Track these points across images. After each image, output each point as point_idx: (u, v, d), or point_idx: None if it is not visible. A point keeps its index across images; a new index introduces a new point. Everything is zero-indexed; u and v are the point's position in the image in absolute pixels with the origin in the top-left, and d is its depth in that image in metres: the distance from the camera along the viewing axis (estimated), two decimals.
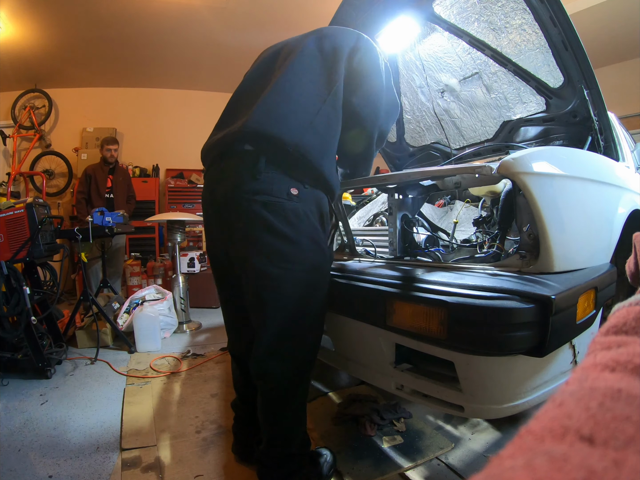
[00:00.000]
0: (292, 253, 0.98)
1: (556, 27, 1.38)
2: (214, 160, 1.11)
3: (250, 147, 1.00)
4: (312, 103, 1.03)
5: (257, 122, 1.00)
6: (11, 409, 1.70)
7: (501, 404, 0.89)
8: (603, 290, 0.99)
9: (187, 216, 3.19)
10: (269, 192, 0.97)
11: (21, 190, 4.74)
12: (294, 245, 0.98)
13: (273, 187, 0.97)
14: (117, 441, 1.44)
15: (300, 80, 1.05)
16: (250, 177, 0.98)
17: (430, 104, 2.12)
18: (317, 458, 1.20)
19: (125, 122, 5.11)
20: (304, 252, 1.00)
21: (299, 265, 1.00)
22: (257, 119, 1.00)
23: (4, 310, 1.88)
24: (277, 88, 1.04)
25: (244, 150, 1.01)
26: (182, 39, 4.02)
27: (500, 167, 0.92)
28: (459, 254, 1.28)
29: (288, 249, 0.98)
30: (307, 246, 1.00)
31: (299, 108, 1.02)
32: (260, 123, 0.99)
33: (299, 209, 0.99)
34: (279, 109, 1.01)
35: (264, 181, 0.97)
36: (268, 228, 0.97)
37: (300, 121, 1.00)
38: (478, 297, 0.81)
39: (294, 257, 0.99)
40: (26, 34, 3.73)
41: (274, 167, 0.99)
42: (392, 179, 1.17)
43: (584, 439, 0.16)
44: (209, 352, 2.42)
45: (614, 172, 1.33)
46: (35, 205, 2.11)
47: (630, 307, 0.26)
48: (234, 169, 1.03)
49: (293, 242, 0.98)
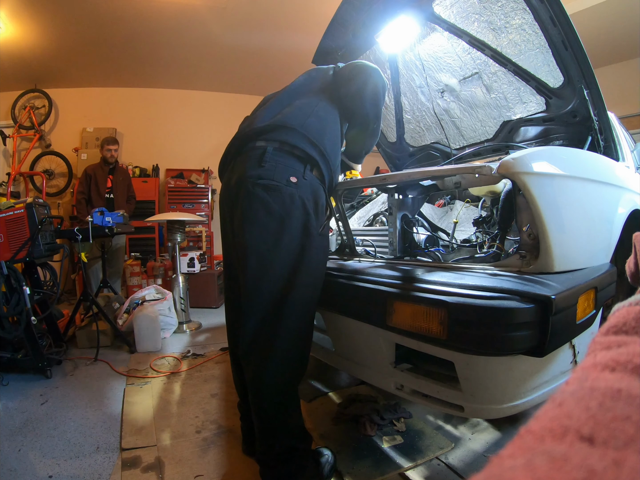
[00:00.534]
0: (282, 233, 1.05)
1: (556, 27, 1.38)
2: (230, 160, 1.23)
3: (261, 143, 1.13)
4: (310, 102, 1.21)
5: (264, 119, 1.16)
6: (11, 409, 1.70)
7: (501, 404, 0.89)
8: (603, 290, 0.99)
9: (187, 216, 3.19)
10: (271, 177, 1.07)
11: (21, 190, 4.74)
12: (284, 225, 1.06)
13: (275, 173, 1.08)
14: (117, 441, 1.44)
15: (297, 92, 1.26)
16: (257, 165, 1.10)
17: (430, 104, 2.12)
18: (317, 458, 1.20)
19: (125, 122, 5.11)
20: (292, 234, 1.06)
21: (286, 245, 1.06)
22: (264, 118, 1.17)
23: (4, 310, 1.88)
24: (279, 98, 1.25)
25: (255, 146, 1.14)
26: (182, 39, 4.02)
27: (500, 167, 0.92)
28: (459, 254, 1.28)
29: (279, 228, 1.06)
30: (297, 229, 1.07)
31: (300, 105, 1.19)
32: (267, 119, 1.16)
33: (295, 194, 1.07)
34: (282, 109, 1.19)
35: (268, 168, 1.08)
36: (265, 207, 1.06)
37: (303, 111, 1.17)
38: (478, 297, 0.81)
39: (283, 236, 1.05)
40: (26, 34, 3.73)
41: (279, 154, 1.10)
42: (392, 179, 1.17)
43: (584, 439, 0.16)
44: (209, 352, 2.42)
45: (614, 172, 1.33)
46: (35, 205, 2.11)
47: (630, 307, 0.26)
48: (245, 162, 1.14)
49: (284, 222, 1.06)
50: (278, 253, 1.05)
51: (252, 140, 1.16)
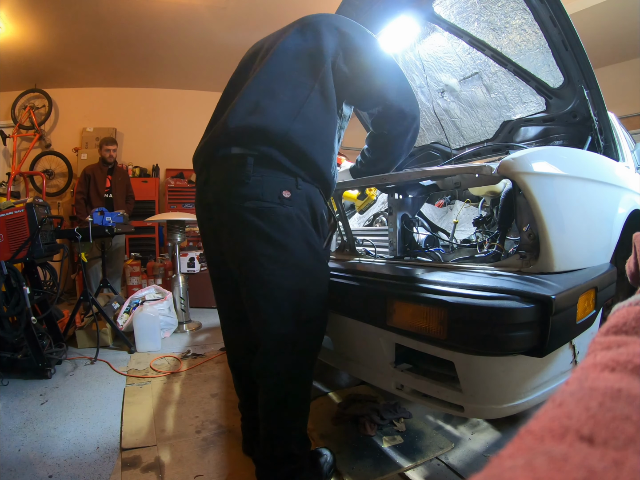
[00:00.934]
0: (285, 259, 0.96)
1: (556, 27, 1.38)
2: (202, 167, 1.08)
3: (237, 150, 0.96)
4: (298, 92, 0.97)
5: (239, 117, 0.95)
6: (11, 409, 1.70)
7: (501, 404, 0.89)
8: (603, 290, 0.99)
9: (187, 216, 3.19)
10: (259, 196, 0.93)
11: (21, 190, 4.74)
12: (286, 251, 0.96)
13: (263, 191, 0.93)
14: (117, 441, 1.44)
15: (282, 71, 0.99)
16: (239, 183, 0.94)
17: (430, 104, 2.12)
18: (317, 458, 1.20)
19: (125, 122, 5.11)
20: (297, 257, 0.98)
21: (292, 270, 0.98)
22: (238, 115, 0.95)
23: (4, 310, 1.88)
24: (258, 82, 0.99)
25: (231, 154, 0.97)
26: (182, 39, 4.03)
27: (500, 167, 0.92)
28: (459, 254, 1.28)
29: (281, 255, 0.96)
30: (301, 251, 0.98)
31: (284, 99, 0.96)
32: (241, 118, 0.94)
33: (292, 213, 0.95)
34: (261, 103, 0.95)
35: (253, 185, 0.93)
36: (259, 235, 0.94)
37: (286, 111, 0.94)
38: (478, 297, 0.80)
39: (287, 262, 0.97)
40: (26, 34, 3.73)
41: (263, 167, 0.94)
42: (392, 179, 1.16)
43: (584, 439, 0.16)
44: (209, 352, 2.42)
45: (614, 172, 1.33)
46: (35, 205, 2.11)
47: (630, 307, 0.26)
48: (221, 174, 1.00)
49: (285, 248, 0.95)
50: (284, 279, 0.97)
51: (225, 146, 0.97)
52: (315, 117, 0.98)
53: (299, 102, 0.96)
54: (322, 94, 0.99)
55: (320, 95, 0.99)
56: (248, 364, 1.12)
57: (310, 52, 1.02)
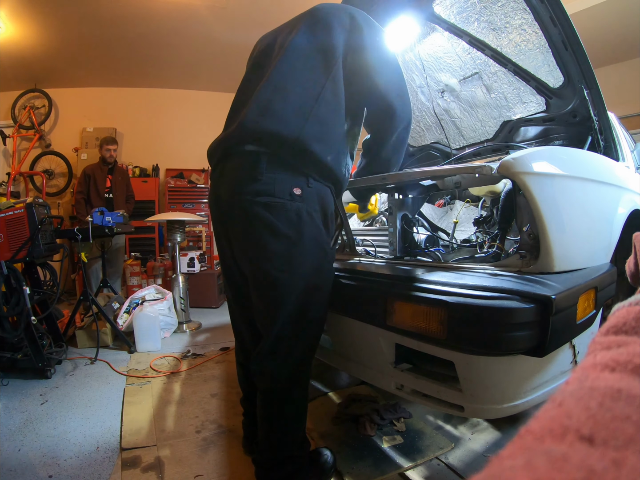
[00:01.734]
0: (294, 255, 0.97)
1: (556, 27, 1.38)
2: (218, 162, 1.10)
3: (252, 147, 0.98)
4: (310, 91, 0.99)
5: (253, 120, 0.98)
6: (11, 409, 1.70)
7: (501, 404, 0.89)
8: (603, 290, 0.99)
9: (187, 216, 3.19)
10: (271, 192, 0.95)
11: (21, 190, 4.74)
12: (296, 246, 0.96)
13: (275, 187, 0.95)
14: (117, 441, 1.44)
15: (294, 69, 1.01)
16: (252, 179, 0.96)
17: (430, 104, 2.12)
18: (317, 458, 1.20)
19: (125, 122, 5.11)
20: (305, 254, 0.98)
21: (300, 267, 0.98)
22: (252, 117, 0.98)
23: (4, 310, 1.88)
24: (271, 81, 1.00)
25: (245, 151, 1.00)
26: (182, 39, 4.03)
27: (500, 167, 0.92)
28: (459, 254, 1.28)
29: (290, 250, 0.96)
30: (310, 248, 0.98)
31: (296, 99, 0.98)
32: (256, 121, 0.97)
33: (302, 209, 0.96)
34: (274, 104, 0.98)
35: (266, 182, 0.95)
36: (270, 229, 0.95)
37: (298, 113, 0.97)
38: (478, 297, 0.81)
39: (296, 259, 0.97)
40: (26, 34, 3.73)
41: (275, 166, 0.97)
42: (392, 179, 1.16)
43: (583, 438, 0.16)
44: (209, 352, 2.42)
45: (614, 172, 1.33)
46: (35, 205, 2.11)
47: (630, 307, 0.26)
48: (235, 170, 1.02)
49: (295, 243, 0.96)
50: (291, 277, 0.97)
51: (240, 144, 1.01)
52: (326, 117, 1.00)
53: (310, 102, 0.98)
54: (332, 92, 1.01)
55: (332, 93, 1.00)
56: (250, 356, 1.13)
57: (321, 48, 1.03)
